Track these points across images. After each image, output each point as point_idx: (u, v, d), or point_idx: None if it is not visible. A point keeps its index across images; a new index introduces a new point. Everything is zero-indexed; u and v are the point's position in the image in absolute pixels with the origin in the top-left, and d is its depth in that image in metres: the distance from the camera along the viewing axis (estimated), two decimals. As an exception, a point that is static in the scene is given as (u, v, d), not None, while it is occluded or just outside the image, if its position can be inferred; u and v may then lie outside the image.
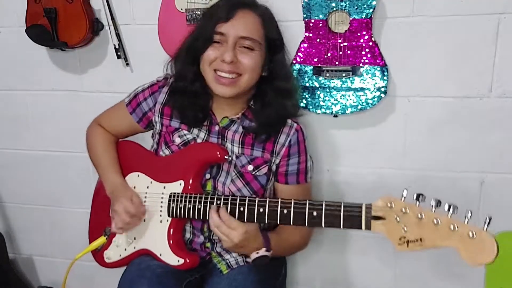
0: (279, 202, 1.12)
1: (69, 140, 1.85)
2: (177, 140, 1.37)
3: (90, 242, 1.47)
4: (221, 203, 1.20)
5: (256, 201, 1.15)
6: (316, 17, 1.43)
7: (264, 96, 1.32)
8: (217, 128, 1.35)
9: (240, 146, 1.33)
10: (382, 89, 1.43)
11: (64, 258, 2.01)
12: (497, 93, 1.43)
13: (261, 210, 1.14)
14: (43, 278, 2.08)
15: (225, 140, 1.34)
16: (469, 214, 0.92)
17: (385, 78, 1.42)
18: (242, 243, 1.18)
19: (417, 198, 0.96)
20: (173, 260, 1.29)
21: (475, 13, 1.39)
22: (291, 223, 1.11)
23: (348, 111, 1.46)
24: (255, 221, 1.16)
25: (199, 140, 1.36)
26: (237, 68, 1.24)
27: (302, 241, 1.40)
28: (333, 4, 1.40)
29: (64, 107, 1.83)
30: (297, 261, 1.72)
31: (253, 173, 1.32)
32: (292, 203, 1.11)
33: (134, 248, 1.37)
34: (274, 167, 1.34)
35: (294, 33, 1.48)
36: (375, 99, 1.44)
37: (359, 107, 1.45)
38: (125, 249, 1.39)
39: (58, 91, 1.82)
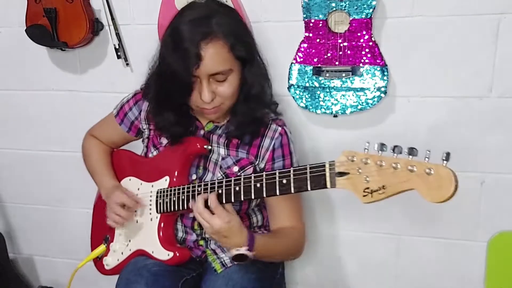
0: (252, 177, 1.13)
1: (69, 140, 1.85)
2: (164, 141, 1.39)
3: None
4: (202, 190, 1.21)
5: (232, 181, 1.17)
6: (316, 17, 1.43)
7: (237, 103, 1.30)
8: (202, 132, 1.36)
9: (225, 148, 1.34)
10: (382, 89, 1.43)
11: (64, 258, 2.01)
12: (497, 93, 1.43)
13: (237, 188, 1.15)
14: (43, 278, 2.08)
15: (211, 142, 1.35)
16: (429, 154, 0.88)
17: (385, 78, 1.42)
18: (224, 233, 1.15)
19: (380, 149, 0.92)
20: (164, 254, 1.31)
21: (475, 13, 1.39)
22: (264, 195, 1.11)
23: (348, 111, 1.46)
24: (233, 200, 1.16)
25: None
26: (217, 102, 1.24)
27: (294, 247, 1.36)
28: (333, 4, 1.40)
29: (64, 107, 1.83)
30: (295, 261, 1.72)
31: (239, 174, 1.32)
32: (264, 175, 1.11)
33: (130, 250, 1.39)
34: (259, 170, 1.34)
35: (294, 33, 1.48)
36: (375, 99, 1.44)
37: (359, 107, 1.45)
38: (122, 253, 1.40)
39: (58, 91, 1.82)
